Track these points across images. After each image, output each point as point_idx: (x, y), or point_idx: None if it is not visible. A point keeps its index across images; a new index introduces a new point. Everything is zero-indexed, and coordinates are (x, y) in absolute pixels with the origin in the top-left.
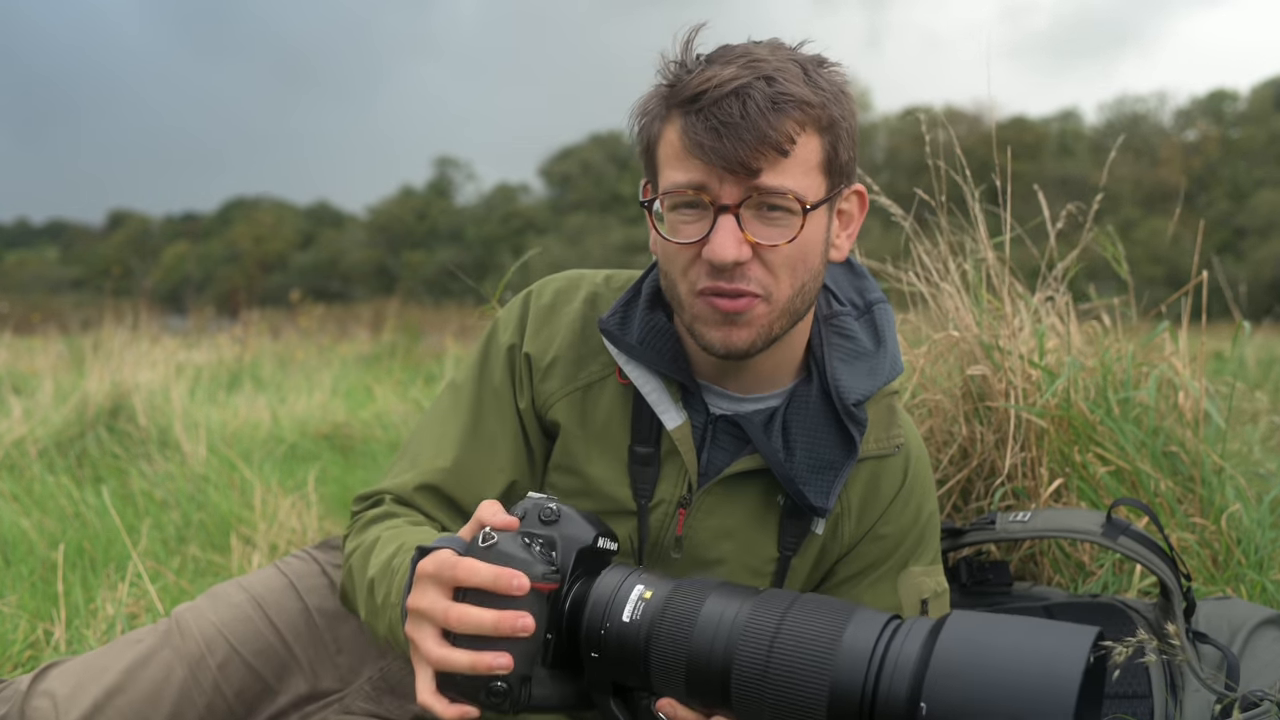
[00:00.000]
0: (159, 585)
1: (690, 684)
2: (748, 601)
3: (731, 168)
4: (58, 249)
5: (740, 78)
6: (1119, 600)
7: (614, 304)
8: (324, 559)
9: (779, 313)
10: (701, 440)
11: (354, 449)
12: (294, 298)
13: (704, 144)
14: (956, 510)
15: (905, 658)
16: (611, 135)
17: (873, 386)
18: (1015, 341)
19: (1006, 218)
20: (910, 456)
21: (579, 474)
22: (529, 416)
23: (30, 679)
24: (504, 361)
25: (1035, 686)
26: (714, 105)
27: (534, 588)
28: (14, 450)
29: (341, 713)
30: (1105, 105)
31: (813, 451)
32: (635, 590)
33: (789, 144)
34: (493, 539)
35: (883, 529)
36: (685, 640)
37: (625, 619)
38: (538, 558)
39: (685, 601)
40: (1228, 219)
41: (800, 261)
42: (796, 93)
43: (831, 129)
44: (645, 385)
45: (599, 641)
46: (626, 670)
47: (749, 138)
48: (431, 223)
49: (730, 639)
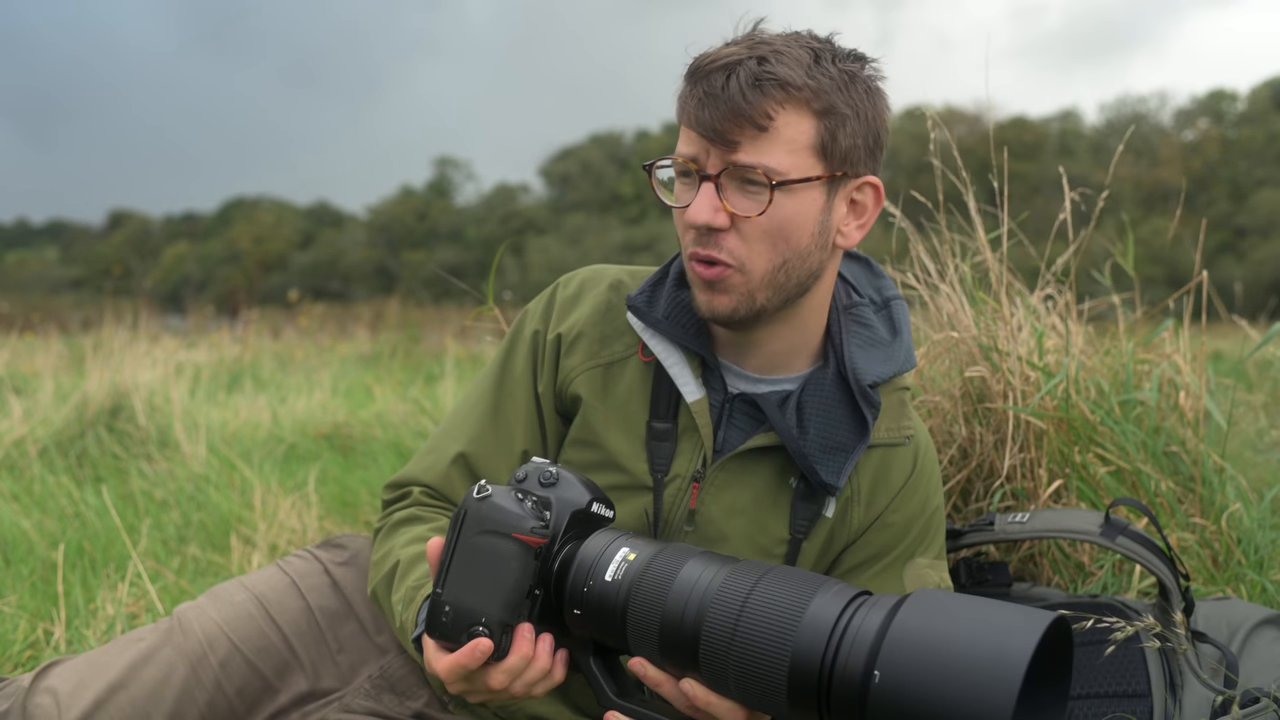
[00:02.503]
0: (159, 585)
1: (663, 645)
2: (724, 568)
3: (710, 136)
4: (58, 249)
5: (735, 55)
6: (1118, 600)
7: (643, 283)
8: (326, 558)
9: (758, 284)
10: (719, 417)
11: (354, 449)
12: (294, 297)
13: (690, 111)
14: (956, 511)
15: (865, 630)
16: (611, 135)
17: (887, 371)
18: (1014, 342)
19: (1004, 218)
20: (919, 448)
21: (598, 446)
22: (547, 399)
23: (32, 677)
24: (528, 349)
25: (986, 659)
26: (705, 78)
27: (522, 540)
28: (14, 450)
29: (342, 711)
30: (1106, 105)
31: (826, 432)
32: (620, 552)
33: (765, 120)
34: (487, 491)
35: (891, 517)
36: (660, 602)
37: (607, 578)
38: (528, 513)
39: (664, 565)
40: (1228, 219)
41: (779, 236)
42: (783, 74)
43: (829, 114)
44: (668, 358)
45: (581, 599)
46: (605, 629)
47: (724, 109)
48: (431, 223)
49: (702, 603)
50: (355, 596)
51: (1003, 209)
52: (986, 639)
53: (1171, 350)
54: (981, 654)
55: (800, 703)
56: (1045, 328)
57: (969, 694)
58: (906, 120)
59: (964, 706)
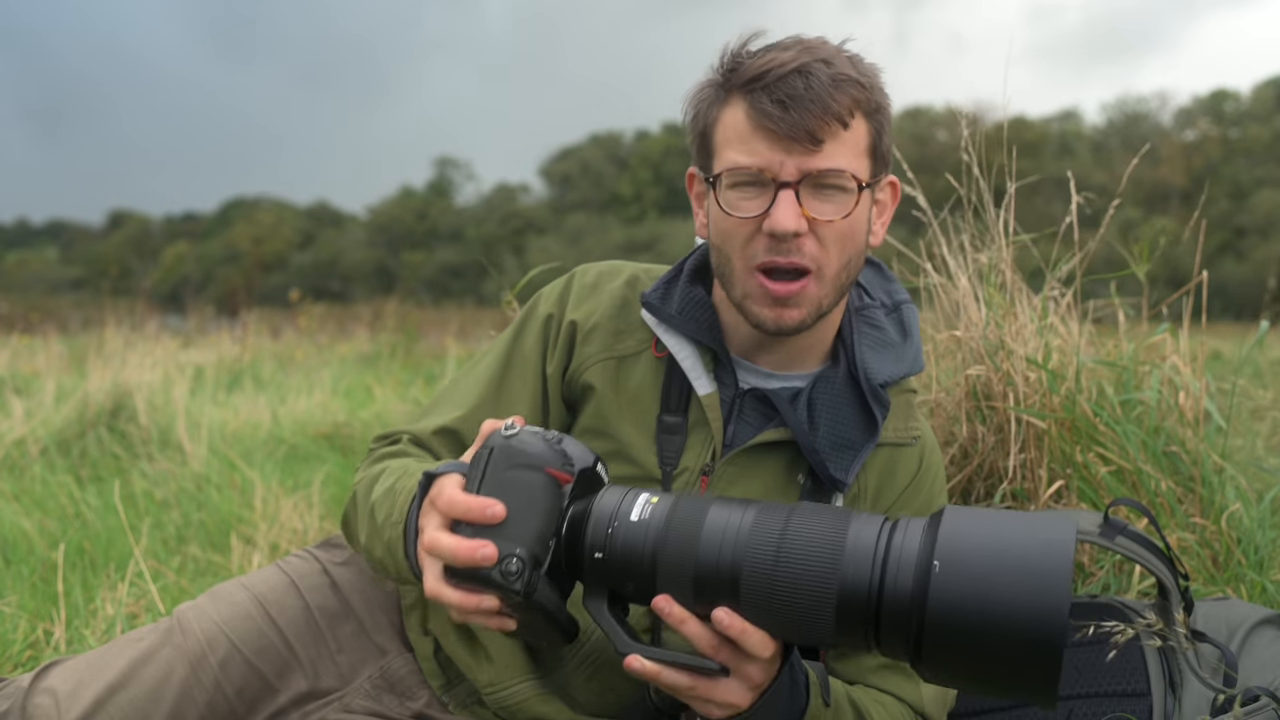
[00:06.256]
0: (159, 585)
1: (699, 585)
2: (750, 507)
3: (798, 137)
4: (58, 249)
5: (801, 59)
6: (1118, 601)
7: (657, 281)
8: (326, 558)
9: (828, 288)
10: (729, 412)
11: (354, 449)
12: (294, 297)
13: (772, 114)
14: None
15: (909, 547)
16: (611, 135)
17: (897, 372)
18: (1019, 342)
19: (1009, 217)
20: (925, 449)
21: (611, 435)
22: (554, 382)
23: (32, 677)
24: (539, 329)
25: (1038, 543)
26: (779, 82)
27: (554, 475)
28: (14, 450)
29: (342, 711)
30: (1107, 105)
31: (835, 429)
32: (642, 496)
33: (849, 117)
34: (515, 429)
35: (896, 515)
36: (693, 542)
37: (634, 519)
38: (556, 452)
39: (691, 505)
40: (1228, 219)
41: (849, 238)
42: (851, 74)
43: (877, 115)
44: (680, 352)
45: (605, 541)
46: (630, 569)
47: (815, 109)
48: (431, 223)
49: (738, 542)
50: (355, 596)
51: (1010, 208)
52: (1031, 529)
53: (1172, 351)
54: (1032, 541)
55: (848, 627)
56: (1049, 327)
57: (1028, 576)
58: (908, 120)
59: (1025, 586)
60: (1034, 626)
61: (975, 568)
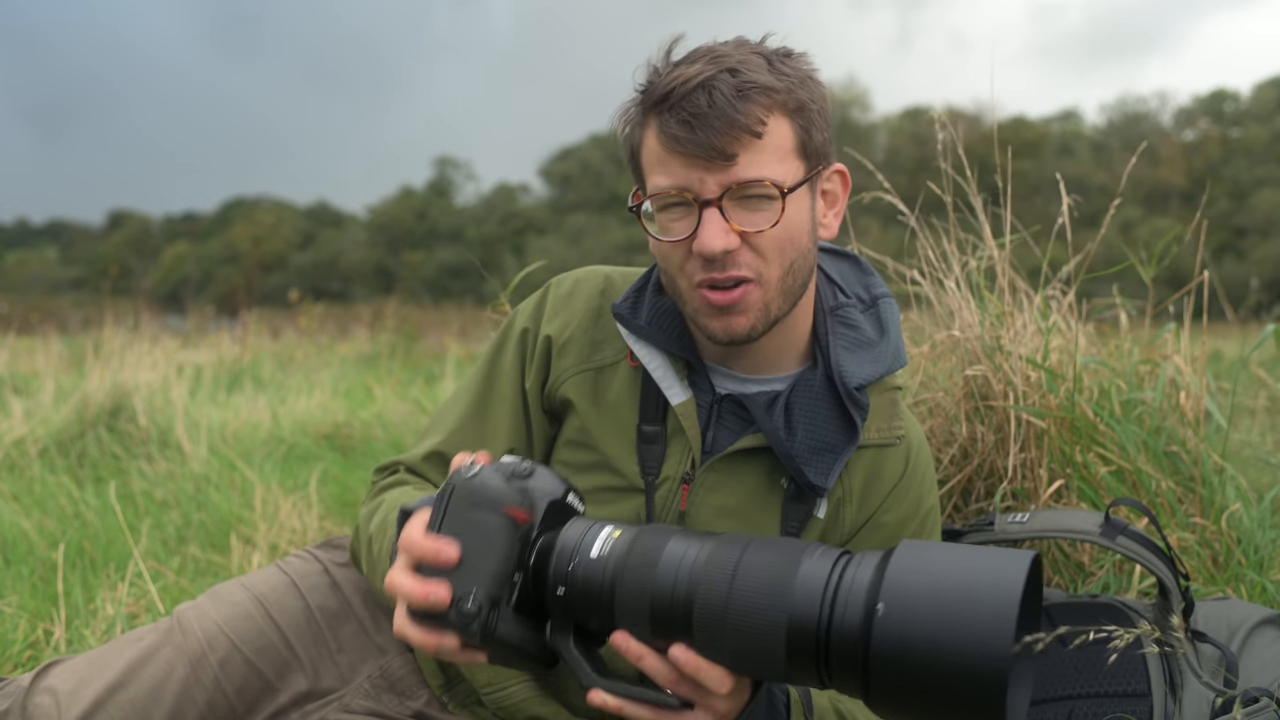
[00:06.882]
0: (159, 585)
1: (654, 616)
2: (708, 540)
3: (708, 155)
4: (58, 249)
5: (705, 72)
6: (1118, 601)
7: (626, 291)
8: (326, 558)
9: (773, 293)
10: (707, 419)
11: (354, 449)
12: (293, 297)
13: (679, 137)
14: (956, 511)
15: (859, 580)
16: (611, 135)
17: (875, 373)
18: (1018, 342)
19: (1007, 216)
20: (912, 448)
21: (593, 447)
22: (534, 396)
23: (32, 676)
24: (516, 345)
25: (984, 584)
26: (683, 100)
27: (511, 515)
28: (14, 450)
29: (342, 711)
30: (1107, 105)
31: (814, 433)
32: (605, 530)
33: (759, 126)
34: (475, 469)
35: (883, 517)
36: (649, 573)
37: (593, 555)
38: (515, 491)
39: (649, 539)
40: (1228, 219)
41: (787, 243)
42: (761, 80)
43: (801, 112)
44: (652, 363)
45: (566, 577)
46: (591, 605)
47: (719, 124)
48: (431, 223)
49: (693, 573)
50: (355, 597)
51: (1006, 208)
52: (981, 568)
53: (1172, 351)
54: (980, 580)
55: (798, 662)
56: (1049, 327)
57: (972, 615)
58: (907, 121)
59: (968, 627)
60: (977, 667)
61: (921, 608)
